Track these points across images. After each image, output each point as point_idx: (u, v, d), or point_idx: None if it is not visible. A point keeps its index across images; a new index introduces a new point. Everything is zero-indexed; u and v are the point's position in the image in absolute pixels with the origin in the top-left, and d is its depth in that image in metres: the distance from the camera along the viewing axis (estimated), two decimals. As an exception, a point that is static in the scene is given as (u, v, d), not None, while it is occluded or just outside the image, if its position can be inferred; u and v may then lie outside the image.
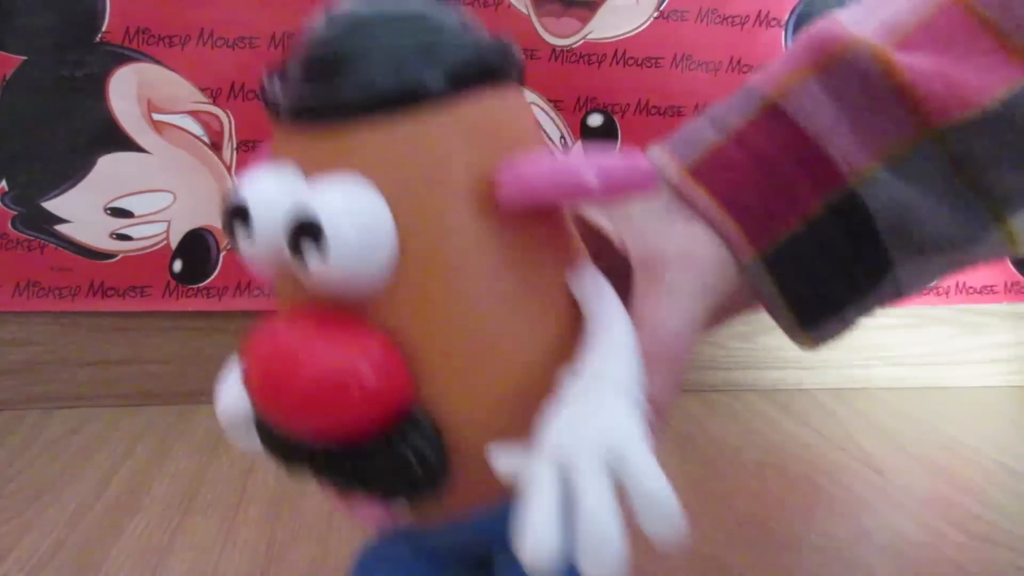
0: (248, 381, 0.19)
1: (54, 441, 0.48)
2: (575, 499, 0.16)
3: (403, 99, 0.18)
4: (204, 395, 0.54)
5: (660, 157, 0.28)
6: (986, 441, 0.53)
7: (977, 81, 0.24)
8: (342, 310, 0.19)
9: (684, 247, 0.25)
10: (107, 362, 0.53)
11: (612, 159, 0.18)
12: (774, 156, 0.25)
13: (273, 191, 0.19)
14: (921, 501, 0.44)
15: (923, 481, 0.47)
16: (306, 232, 0.17)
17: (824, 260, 0.26)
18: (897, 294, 0.27)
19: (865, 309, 0.27)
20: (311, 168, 0.19)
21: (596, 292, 0.21)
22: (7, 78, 0.48)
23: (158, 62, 0.49)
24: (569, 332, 0.21)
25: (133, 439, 0.48)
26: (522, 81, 0.21)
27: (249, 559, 0.35)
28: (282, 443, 0.20)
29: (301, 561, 0.35)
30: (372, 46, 0.19)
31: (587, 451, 0.17)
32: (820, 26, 0.26)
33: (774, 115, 0.26)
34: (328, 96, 0.19)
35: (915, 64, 0.24)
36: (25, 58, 0.48)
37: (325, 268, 0.17)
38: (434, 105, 0.18)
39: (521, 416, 0.19)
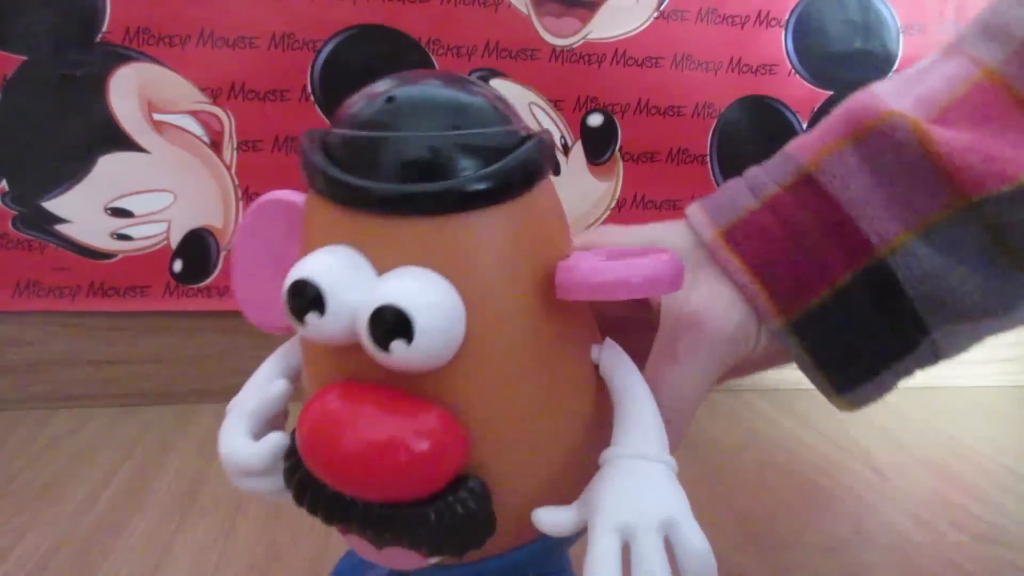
0: (311, 446, 0.21)
1: (54, 441, 0.48)
2: (637, 561, 0.19)
3: (475, 202, 0.20)
4: (204, 395, 0.54)
5: (696, 216, 0.28)
6: (986, 441, 0.53)
7: (1013, 156, 0.24)
8: (400, 382, 0.20)
9: (705, 307, 0.26)
10: (107, 362, 0.53)
11: (650, 261, 0.21)
12: (805, 225, 0.26)
13: (348, 280, 0.20)
14: (921, 501, 0.44)
15: (923, 481, 0.47)
16: (395, 325, 0.19)
17: (854, 328, 0.26)
18: (936, 358, 0.27)
19: (904, 373, 0.27)
20: (378, 255, 0.20)
21: (619, 365, 0.24)
22: (7, 78, 0.48)
23: (158, 62, 0.49)
24: (596, 401, 0.24)
25: (133, 439, 0.48)
26: (557, 170, 0.23)
27: (249, 559, 0.35)
28: (333, 501, 0.21)
29: (301, 561, 0.35)
30: (442, 147, 0.20)
31: (645, 523, 0.20)
32: (858, 98, 0.27)
33: (808, 184, 0.26)
34: (404, 193, 0.20)
35: (951, 137, 0.24)
36: (25, 58, 0.48)
37: (408, 356, 0.19)
38: (497, 207, 0.21)
39: (559, 480, 0.23)
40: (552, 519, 0.22)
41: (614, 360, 0.24)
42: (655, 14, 0.53)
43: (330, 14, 0.50)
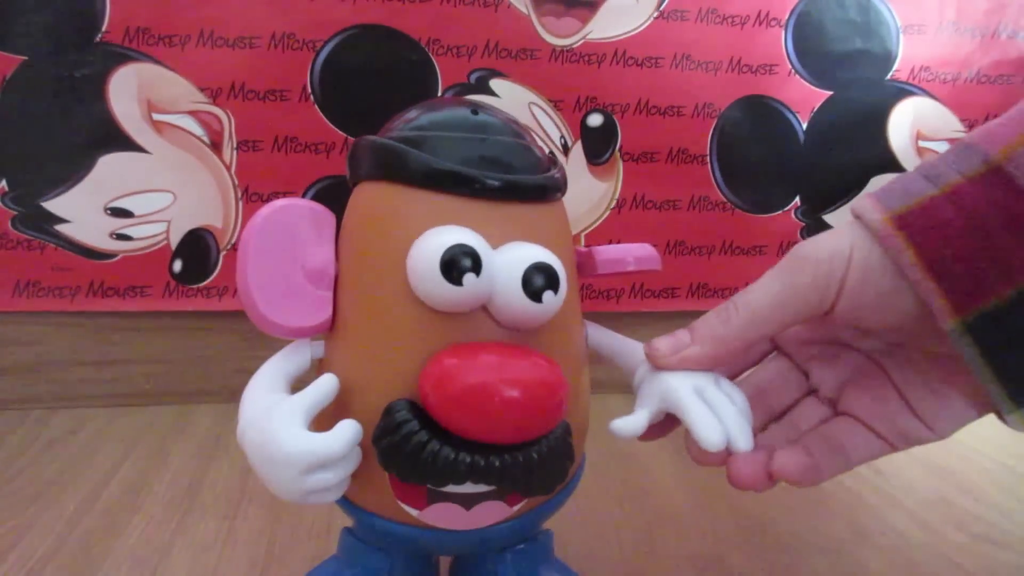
0: (471, 395, 0.22)
1: (54, 441, 0.48)
2: (715, 404, 0.26)
3: (553, 193, 0.27)
4: (204, 395, 0.54)
5: (862, 204, 0.26)
6: (986, 441, 0.53)
7: None
8: (513, 342, 0.24)
9: (805, 244, 0.26)
10: (107, 362, 0.53)
11: (638, 248, 0.30)
12: (991, 220, 0.23)
13: (486, 249, 0.24)
14: (921, 501, 0.44)
15: (923, 481, 0.47)
16: (548, 279, 0.24)
17: None
18: None
19: None
20: (489, 232, 0.24)
21: (606, 331, 0.31)
22: (7, 78, 0.48)
23: (158, 62, 0.49)
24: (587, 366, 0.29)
25: (133, 439, 0.49)
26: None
27: (249, 559, 0.36)
28: (460, 457, 0.23)
29: (301, 561, 0.35)
30: (524, 151, 0.26)
31: (705, 383, 0.27)
32: None
33: (996, 176, 0.24)
34: (511, 183, 0.25)
35: None
36: (25, 58, 0.48)
37: (552, 305, 0.24)
38: (558, 200, 0.27)
39: (584, 423, 0.28)
40: (629, 425, 0.27)
41: (600, 330, 0.31)
42: (655, 14, 0.53)
43: (330, 14, 0.50)
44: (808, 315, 0.26)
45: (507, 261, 0.23)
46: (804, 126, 0.57)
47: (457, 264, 0.22)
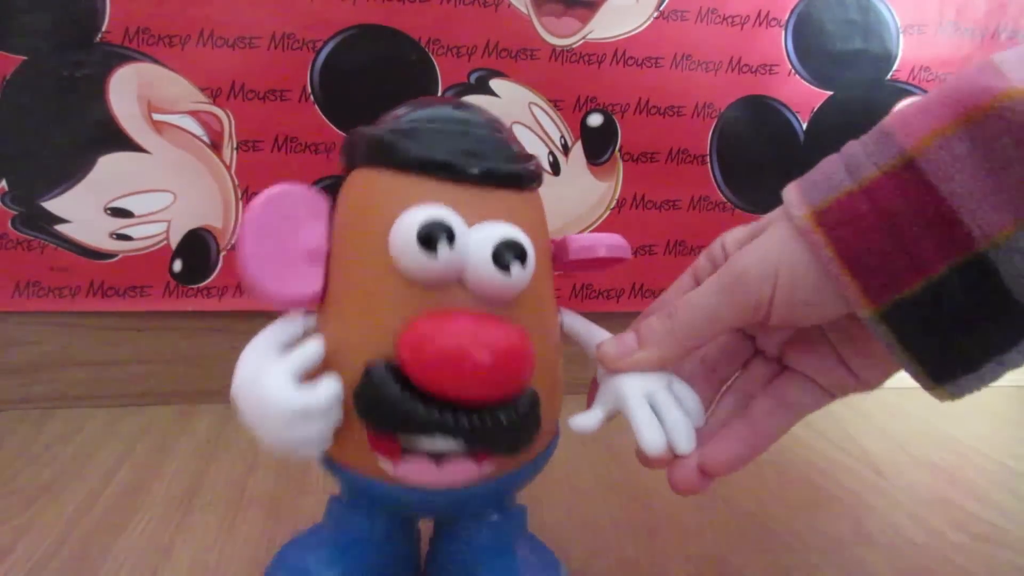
0: (443, 353, 0.24)
1: (54, 441, 0.48)
2: (663, 409, 0.29)
3: (530, 183, 0.29)
4: (204, 395, 0.54)
5: (790, 195, 0.28)
6: (986, 441, 0.53)
7: None
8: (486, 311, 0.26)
9: (741, 252, 0.28)
10: (107, 362, 0.53)
11: (607, 237, 0.32)
12: (902, 215, 0.25)
13: (460, 224, 0.26)
14: (921, 501, 0.44)
15: (923, 481, 0.47)
16: (516, 252, 0.26)
17: (950, 320, 0.25)
18: None
19: (1012, 365, 0.26)
20: (467, 212, 0.26)
21: (580, 319, 0.33)
22: (7, 78, 0.48)
23: (158, 62, 0.49)
24: (561, 347, 0.31)
25: (133, 439, 0.49)
26: (556, 170, 0.32)
27: (249, 558, 0.36)
28: (429, 410, 0.25)
29: (301, 561, 0.35)
30: (502, 143, 0.29)
31: (655, 387, 0.29)
32: (973, 75, 0.25)
33: (909, 172, 0.25)
34: (488, 171, 0.27)
35: None
36: (25, 58, 0.48)
37: (520, 277, 0.26)
38: (534, 190, 0.30)
39: (554, 400, 0.30)
40: (585, 421, 0.29)
41: (575, 318, 0.33)
42: (655, 14, 0.53)
43: (330, 14, 0.50)
44: (744, 324, 0.29)
45: (480, 238, 0.26)
46: (804, 126, 0.57)
47: (433, 236, 0.25)
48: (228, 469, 0.45)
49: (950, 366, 0.26)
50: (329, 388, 0.25)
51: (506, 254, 0.26)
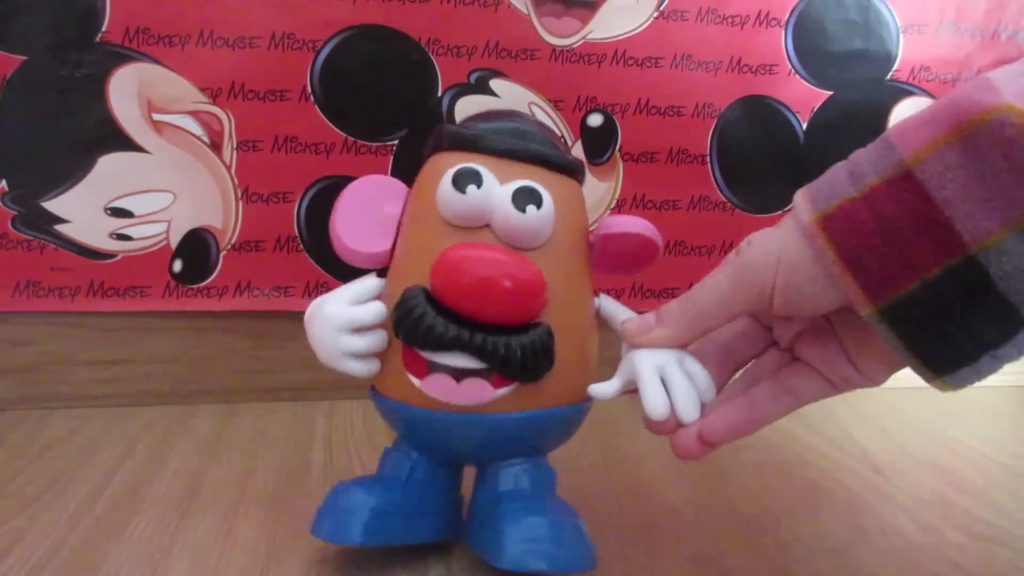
0: (468, 276, 0.30)
1: (54, 441, 0.48)
2: (672, 382, 0.31)
3: (559, 165, 0.34)
4: (204, 395, 0.54)
5: (799, 200, 0.30)
6: (986, 441, 0.53)
7: None
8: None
9: (752, 244, 0.30)
10: (107, 362, 0.53)
11: (645, 221, 0.35)
12: (899, 221, 0.27)
13: (490, 175, 0.32)
14: (921, 501, 0.44)
15: (923, 481, 0.47)
16: (532, 196, 0.31)
17: (945, 317, 0.27)
18: None
19: (1007, 358, 0.28)
20: (500, 173, 0.32)
21: (615, 303, 0.36)
22: (7, 78, 0.48)
23: (158, 62, 0.49)
24: (595, 324, 0.35)
25: (133, 439, 0.48)
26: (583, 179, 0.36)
27: (249, 559, 0.36)
28: (448, 326, 0.30)
29: (301, 561, 0.35)
30: (546, 142, 0.34)
31: (667, 360, 0.32)
32: (969, 90, 0.27)
33: (907, 180, 0.27)
34: (526, 149, 0.33)
35: None
36: (25, 58, 0.48)
37: (537, 217, 0.31)
38: (571, 177, 0.35)
39: (579, 357, 0.34)
40: (603, 388, 0.33)
41: (610, 301, 0.36)
42: (655, 14, 0.53)
43: (330, 14, 0.50)
44: (751, 311, 0.32)
45: (506, 189, 0.31)
46: (804, 126, 0.57)
47: (463, 178, 0.31)
48: (228, 469, 0.45)
49: (948, 359, 0.28)
50: (373, 306, 0.32)
51: (522, 196, 0.31)
